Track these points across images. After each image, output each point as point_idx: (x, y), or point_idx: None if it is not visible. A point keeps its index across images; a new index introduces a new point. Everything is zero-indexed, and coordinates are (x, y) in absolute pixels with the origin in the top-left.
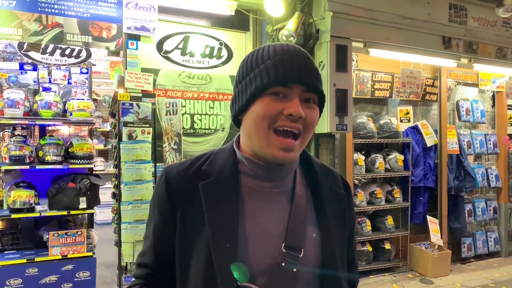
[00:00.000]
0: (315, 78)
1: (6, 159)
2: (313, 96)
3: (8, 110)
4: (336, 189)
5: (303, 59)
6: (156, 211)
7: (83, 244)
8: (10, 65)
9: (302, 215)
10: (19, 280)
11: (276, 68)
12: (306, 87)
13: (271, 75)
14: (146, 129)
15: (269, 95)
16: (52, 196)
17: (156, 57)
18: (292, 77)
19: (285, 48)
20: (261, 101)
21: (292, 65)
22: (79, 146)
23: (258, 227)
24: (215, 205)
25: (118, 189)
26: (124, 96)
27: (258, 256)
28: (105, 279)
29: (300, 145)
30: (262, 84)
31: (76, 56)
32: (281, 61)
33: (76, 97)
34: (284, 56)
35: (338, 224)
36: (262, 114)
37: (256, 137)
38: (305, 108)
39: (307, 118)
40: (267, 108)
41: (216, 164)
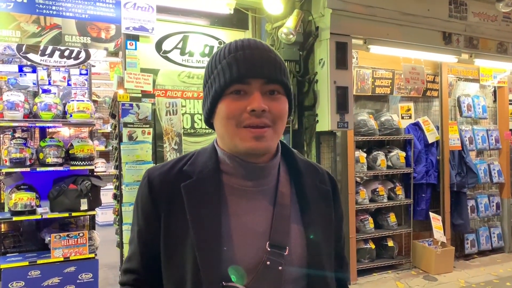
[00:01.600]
0: (274, 69)
1: (6, 161)
2: (276, 87)
3: (8, 113)
4: (321, 186)
5: (258, 52)
6: (140, 214)
7: (85, 245)
8: (9, 67)
9: (286, 213)
10: (22, 282)
11: (231, 66)
12: (265, 79)
13: (226, 74)
14: (147, 130)
15: (230, 95)
16: (53, 198)
17: (155, 57)
18: (248, 73)
19: (239, 45)
20: (223, 102)
21: (246, 60)
22: (80, 148)
23: (241, 227)
24: (198, 206)
25: (119, 190)
26: (124, 97)
27: (243, 256)
28: (108, 281)
29: (273, 134)
30: (220, 85)
31: (75, 57)
32: (234, 59)
33: (76, 98)
34: (237, 53)
35: (323, 221)
36: (227, 115)
37: (228, 137)
38: (269, 100)
39: (272, 110)
40: (230, 109)
41: (197, 164)
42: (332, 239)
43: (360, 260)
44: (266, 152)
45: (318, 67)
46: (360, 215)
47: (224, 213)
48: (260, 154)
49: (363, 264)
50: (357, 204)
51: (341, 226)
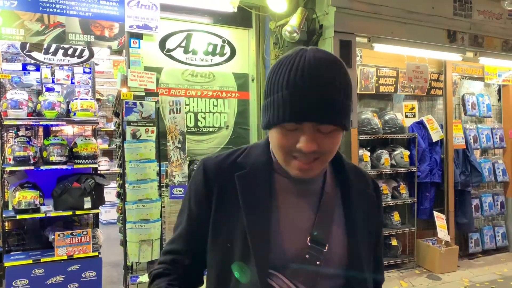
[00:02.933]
0: (329, 111)
1: (10, 160)
2: (331, 129)
3: (12, 111)
4: (367, 191)
5: (317, 89)
6: (192, 199)
7: (88, 244)
8: (13, 65)
9: (329, 213)
10: (26, 280)
11: (285, 104)
12: (319, 123)
13: (280, 112)
14: (150, 128)
15: (283, 127)
16: (57, 197)
17: (159, 56)
18: (301, 116)
19: (299, 75)
20: (276, 131)
21: (301, 101)
22: (83, 146)
23: (288, 220)
24: (250, 193)
25: (122, 188)
26: (127, 95)
27: (286, 247)
28: (111, 279)
29: (320, 164)
30: (273, 119)
31: (79, 55)
32: (290, 97)
33: (80, 97)
34: (295, 90)
35: (366, 225)
36: (278, 145)
37: (278, 157)
38: (321, 138)
39: (325, 145)
40: (281, 141)
41: (251, 157)
42: (372, 243)
43: None
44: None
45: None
46: None
47: (273, 204)
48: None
49: None
50: None
51: (381, 230)
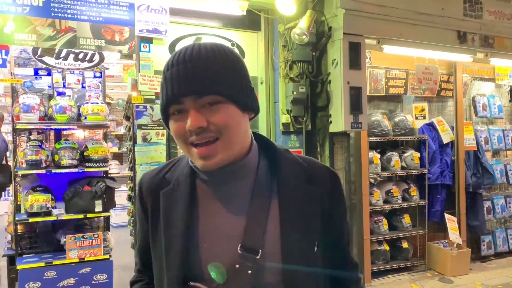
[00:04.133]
0: (204, 81)
1: (22, 163)
2: (214, 99)
3: (24, 115)
4: (307, 186)
5: (189, 65)
6: (136, 213)
7: (99, 247)
8: (25, 70)
9: (262, 214)
10: (38, 283)
11: (163, 87)
12: (196, 95)
13: (163, 95)
14: (160, 131)
15: (173, 115)
16: (69, 200)
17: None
18: (178, 92)
19: (175, 59)
20: (170, 123)
21: (174, 79)
22: (94, 150)
23: (213, 229)
24: (171, 211)
25: (133, 191)
26: (138, 99)
27: (213, 258)
28: (122, 281)
29: (222, 147)
30: (162, 106)
31: (89, 60)
32: (167, 78)
33: (90, 101)
34: (171, 70)
35: (306, 222)
36: (174, 135)
37: (183, 151)
38: (209, 113)
39: (214, 123)
40: (174, 131)
41: (177, 171)
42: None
43: (375, 262)
44: (220, 166)
45: (331, 67)
46: (374, 216)
47: (196, 216)
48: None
49: (377, 266)
50: (371, 205)
51: (342, 225)
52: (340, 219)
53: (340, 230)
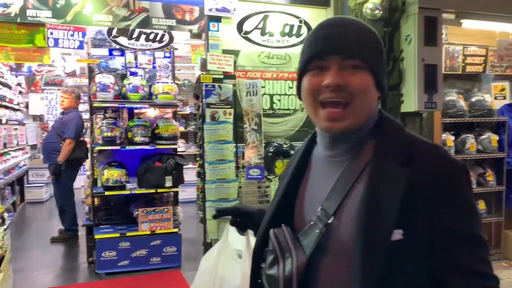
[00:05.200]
0: (352, 44)
1: (99, 140)
2: (356, 63)
3: (100, 94)
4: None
5: (339, 28)
6: None
7: (169, 220)
8: (100, 51)
9: (346, 186)
10: (114, 252)
11: (311, 44)
12: (343, 55)
13: (307, 52)
14: (228, 110)
15: (311, 71)
16: (141, 175)
17: (237, 38)
18: (325, 49)
19: (323, 24)
20: (305, 78)
21: (325, 37)
22: (165, 128)
23: (311, 190)
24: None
25: (203, 168)
26: (207, 78)
27: (302, 213)
28: (189, 255)
29: (351, 113)
30: (302, 62)
31: (159, 40)
32: (315, 37)
33: (161, 80)
34: (320, 32)
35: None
36: (307, 90)
37: (309, 111)
38: (348, 75)
39: (350, 85)
40: (309, 84)
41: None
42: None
43: None
44: (343, 132)
45: (404, 44)
46: None
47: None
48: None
49: None
50: None
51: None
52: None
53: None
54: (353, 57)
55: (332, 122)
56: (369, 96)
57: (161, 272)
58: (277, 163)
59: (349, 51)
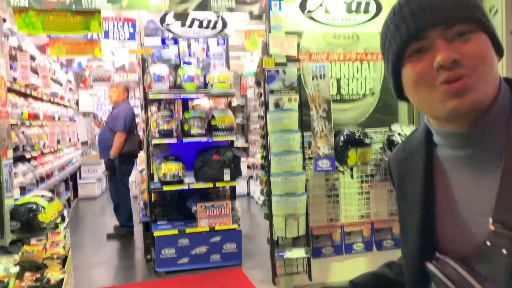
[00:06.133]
0: (451, 7)
1: (155, 133)
2: (464, 28)
3: (155, 85)
4: None
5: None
6: None
7: (228, 216)
8: (153, 40)
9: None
10: (173, 250)
11: (399, 28)
12: (444, 25)
13: (397, 38)
14: (293, 97)
15: (410, 58)
16: (198, 169)
17: (299, 18)
18: (419, 26)
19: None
20: (405, 69)
21: (413, 14)
22: (221, 119)
23: (456, 201)
24: (405, 181)
25: (266, 160)
26: (269, 63)
27: (457, 235)
28: (248, 251)
29: (477, 82)
30: (394, 52)
31: (212, 27)
32: (401, 18)
33: (216, 69)
34: (403, 11)
35: None
36: (414, 81)
37: (424, 105)
38: (459, 45)
39: (467, 54)
40: (415, 72)
41: (412, 137)
42: None
43: None
44: (474, 109)
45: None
46: None
47: (435, 187)
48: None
49: None
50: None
51: None
52: None
53: None
54: (456, 23)
55: (458, 96)
56: (492, 60)
57: (222, 270)
58: (350, 153)
59: (452, 17)
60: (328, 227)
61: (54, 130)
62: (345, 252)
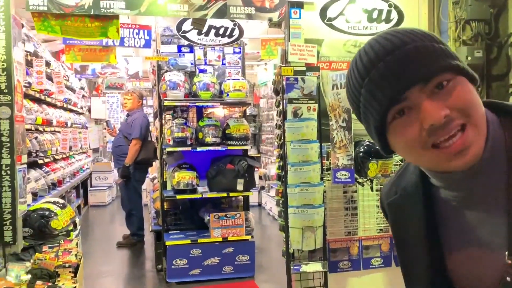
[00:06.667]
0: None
1: (170, 141)
2: (443, 78)
3: (171, 92)
4: None
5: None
6: None
7: (242, 226)
8: (169, 48)
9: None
10: (185, 260)
11: (374, 95)
12: (422, 82)
13: (375, 107)
14: (312, 106)
15: (393, 122)
16: (212, 178)
17: (320, 26)
18: (395, 91)
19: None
20: (391, 135)
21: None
22: (236, 127)
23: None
24: (401, 226)
25: (283, 170)
26: (288, 71)
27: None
28: (261, 263)
29: (474, 132)
30: (376, 120)
31: (229, 35)
32: (372, 84)
33: (232, 77)
34: (371, 74)
35: None
36: (405, 148)
37: (420, 164)
38: (443, 97)
39: (455, 105)
40: (406, 138)
41: (404, 178)
42: None
43: None
44: (475, 160)
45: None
46: None
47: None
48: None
49: None
50: None
51: None
52: None
53: None
54: (434, 75)
55: (460, 156)
56: (478, 100)
57: (235, 283)
58: (371, 164)
59: (427, 72)
60: (345, 241)
61: (67, 136)
62: (363, 267)
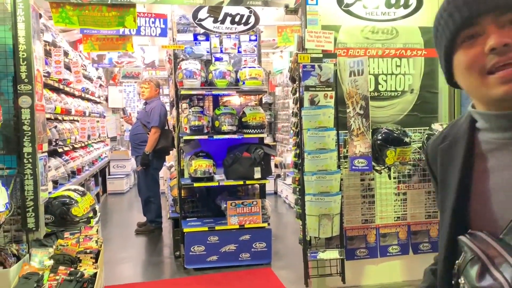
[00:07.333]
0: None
1: (186, 129)
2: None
3: (187, 81)
4: None
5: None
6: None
7: (258, 214)
8: (185, 36)
9: None
10: (202, 247)
11: (452, 15)
12: (497, 11)
13: (450, 25)
14: (329, 93)
15: (463, 44)
16: (228, 166)
17: (337, 12)
18: (474, 12)
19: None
20: (457, 55)
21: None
22: (252, 116)
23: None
24: (446, 169)
25: (300, 158)
26: (305, 58)
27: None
28: (278, 251)
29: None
30: (447, 38)
31: (245, 23)
32: (454, 5)
33: (248, 65)
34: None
35: None
36: (465, 66)
37: (474, 90)
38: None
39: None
40: (466, 57)
41: (455, 127)
42: None
43: None
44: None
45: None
46: None
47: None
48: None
49: None
50: None
51: None
52: None
53: None
54: (509, 10)
55: (510, 83)
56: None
57: (252, 269)
58: (388, 152)
59: (502, 5)
60: (362, 228)
61: (85, 125)
62: (380, 255)
